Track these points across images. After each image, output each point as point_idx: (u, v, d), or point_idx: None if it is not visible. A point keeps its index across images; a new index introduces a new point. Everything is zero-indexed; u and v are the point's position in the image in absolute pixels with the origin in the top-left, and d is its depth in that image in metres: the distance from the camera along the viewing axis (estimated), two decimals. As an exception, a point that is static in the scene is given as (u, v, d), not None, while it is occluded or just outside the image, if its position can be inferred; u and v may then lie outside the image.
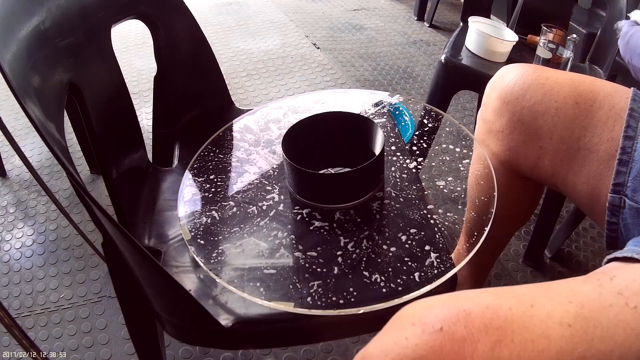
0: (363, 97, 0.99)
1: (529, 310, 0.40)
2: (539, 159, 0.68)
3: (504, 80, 0.71)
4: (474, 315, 0.38)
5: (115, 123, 0.81)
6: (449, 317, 0.38)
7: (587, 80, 0.66)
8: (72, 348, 1.03)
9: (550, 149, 0.66)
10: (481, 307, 0.39)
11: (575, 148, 0.64)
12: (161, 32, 0.91)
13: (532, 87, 0.67)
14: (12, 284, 1.17)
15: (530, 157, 0.69)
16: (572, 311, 0.40)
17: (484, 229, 0.66)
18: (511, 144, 0.71)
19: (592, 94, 0.63)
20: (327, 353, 1.02)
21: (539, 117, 0.66)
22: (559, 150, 0.66)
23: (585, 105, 0.63)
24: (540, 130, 0.67)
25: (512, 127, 0.70)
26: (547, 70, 0.69)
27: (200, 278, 0.67)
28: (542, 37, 1.31)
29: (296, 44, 2.30)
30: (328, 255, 0.63)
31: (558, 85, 0.66)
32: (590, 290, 0.42)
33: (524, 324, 0.38)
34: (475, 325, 0.38)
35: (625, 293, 0.41)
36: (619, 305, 0.40)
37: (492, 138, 0.74)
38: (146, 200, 0.82)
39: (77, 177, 0.51)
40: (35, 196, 1.42)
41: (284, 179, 0.76)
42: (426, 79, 2.06)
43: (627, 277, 0.43)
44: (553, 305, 0.40)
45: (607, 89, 0.63)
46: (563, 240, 1.27)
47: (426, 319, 0.39)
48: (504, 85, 0.70)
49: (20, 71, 0.53)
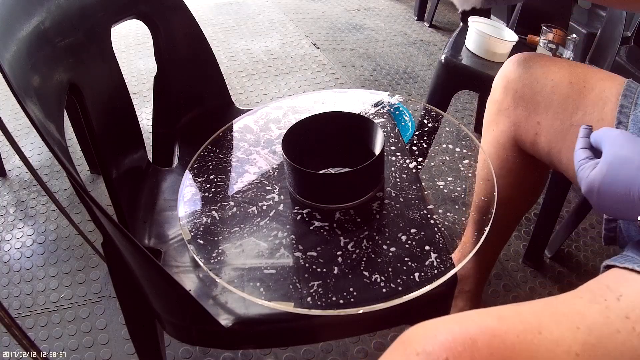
0: (363, 97, 0.99)
1: (536, 338, 0.39)
2: (537, 134, 0.73)
3: (510, 63, 0.77)
4: (480, 343, 0.37)
5: (115, 123, 0.81)
6: (455, 347, 0.37)
7: (584, 66, 0.71)
8: (72, 348, 1.03)
9: (546, 125, 0.71)
10: (487, 335, 0.38)
11: (568, 124, 0.68)
12: (161, 32, 0.91)
13: (533, 67, 0.74)
14: (12, 284, 1.17)
15: (530, 133, 0.74)
16: (580, 338, 0.39)
17: (484, 229, 0.66)
18: (515, 120, 0.76)
19: (585, 77, 0.68)
20: (327, 353, 1.02)
21: (537, 94, 0.72)
22: (553, 126, 0.70)
23: (579, 85, 0.68)
24: (538, 107, 0.72)
25: (515, 103, 0.75)
26: (548, 56, 0.76)
27: (200, 278, 0.67)
28: (542, 37, 1.31)
29: (296, 44, 2.30)
30: (328, 255, 0.63)
31: (556, 67, 0.71)
32: (597, 314, 0.41)
33: (531, 353, 0.38)
34: (483, 355, 0.37)
35: (632, 316, 0.40)
36: (626, 330, 0.39)
37: (500, 117, 0.79)
38: (146, 200, 0.82)
39: (77, 177, 0.51)
40: (35, 196, 1.42)
41: (284, 179, 0.76)
42: (426, 79, 2.06)
43: (634, 298, 0.42)
44: (560, 331, 0.39)
45: (600, 75, 0.68)
46: (563, 240, 1.27)
47: (431, 348, 0.38)
48: (509, 67, 0.77)
49: (20, 71, 0.53)
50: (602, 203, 0.49)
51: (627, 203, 0.46)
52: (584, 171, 0.51)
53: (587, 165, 0.51)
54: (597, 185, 0.48)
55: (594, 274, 1.04)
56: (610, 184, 0.47)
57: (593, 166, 0.50)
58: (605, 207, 0.49)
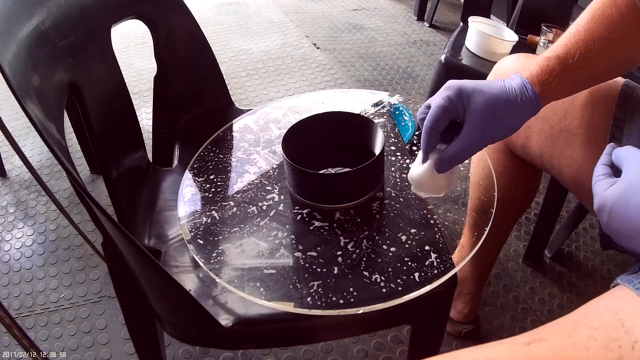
0: (363, 97, 0.99)
1: None
2: (527, 138, 0.72)
3: (501, 65, 0.77)
4: None
5: (115, 123, 0.81)
6: None
7: None
8: (72, 348, 1.03)
9: (536, 129, 0.70)
10: None
11: (557, 129, 0.67)
12: (161, 32, 0.91)
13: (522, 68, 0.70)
14: (12, 284, 1.17)
15: (520, 137, 0.74)
16: None
17: (484, 229, 0.66)
18: None
19: None
20: (327, 353, 1.02)
21: None
22: (543, 130, 0.69)
23: None
24: None
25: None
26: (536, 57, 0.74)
27: (200, 278, 0.67)
28: (542, 37, 1.31)
29: (296, 44, 2.30)
30: (328, 255, 0.63)
31: None
32: None
33: None
34: None
35: None
36: None
37: None
38: (146, 200, 0.82)
39: (77, 177, 0.51)
40: (35, 196, 1.42)
41: (284, 179, 0.76)
42: (426, 79, 2.06)
43: None
44: None
45: None
46: (563, 240, 1.27)
47: None
48: (499, 69, 0.77)
49: (20, 71, 0.53)
50: (612, 226, 0.45)
51: (638, 232, 0.42)
52: (599, 187, 0.47)
53: (603, 182, 0.47)
54: (610, 205, 0.44)
55: (594, 274, 1.04)
56: (625, 206, 0.43)
57: (609, 184, 0.46)
58: (614, 230, 0.45)
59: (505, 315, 1.12)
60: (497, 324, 1.10)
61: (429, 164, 0.59)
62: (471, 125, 0.54)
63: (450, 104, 0.54)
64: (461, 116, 0.55)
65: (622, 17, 0.53)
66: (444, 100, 0.54)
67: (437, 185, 0.61)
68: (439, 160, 0.57)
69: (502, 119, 0.54)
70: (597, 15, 0.54)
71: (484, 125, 0.54)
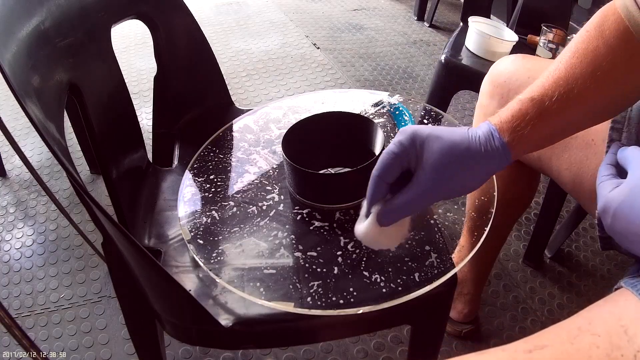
0: (363, 97, 0.99)
1: None
2: None
3: (497, 67, 0.76)
4: None
5: (115, 123, 0.81)
6: None
7: None
8: (72, 348, 1.03)
9: None
10: None
11: None
12: (161, 32, 0.91)
13: (518, 71, 0.71)
14: (12, 284, 1.17)
15: None
16: None
17: (484, 229, 0.66)
18: None
19: None
20: (327, 353, 1.02)
21: None
22: None
23: None
24: None
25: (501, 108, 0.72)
26: (534, 58, 0.73)
27: (200, 278, 0.67)
28: (542, 37, 1.31)
29: (296, 44, 2.30)
30: (328, 255, 0.63)
31: (542, 70, 0.67)
32: None
33: None
34: None
35: None
36: None
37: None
38: (146, 200, 0.82)
39: (77, 177, 0.51)
40: (35, 196, 1.42)
41: (284, 179, 0.76)
42: (426, 79, 2.06)
43: None
44: None
45: None
46: (563, 240, 1.27)
47: None
48: (495, 71, 0.76)
49: (20, 71, 0.53)
50: (615, 228, 0.43)
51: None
52: (603, 188, 0.45)
53: (607, 183, 0.45)
54: (614, 207, 0.42)
55: (594, 274, 1.04)
56: (630, 208, 0.41)
57: (614, 185, 0.44)
58: (617, 232, 0.43)
59: (505, 315, 1.12)
60: (497, 324, 1.10)
61: (372, 217, 0.51)
62: (422, 173, 0.47)
63: (402, 150, 0.47)
64: (413, 165, 0.48)
65: (610, 48, 0.47)
66: (394, 146, 0.47)
67: (387, 238, 0.54)
68: (382, 212, 0.49)
69: (460, 171, 0.47)
70: (580, 49, 0.48)
71: (436, 174, 0.46)
